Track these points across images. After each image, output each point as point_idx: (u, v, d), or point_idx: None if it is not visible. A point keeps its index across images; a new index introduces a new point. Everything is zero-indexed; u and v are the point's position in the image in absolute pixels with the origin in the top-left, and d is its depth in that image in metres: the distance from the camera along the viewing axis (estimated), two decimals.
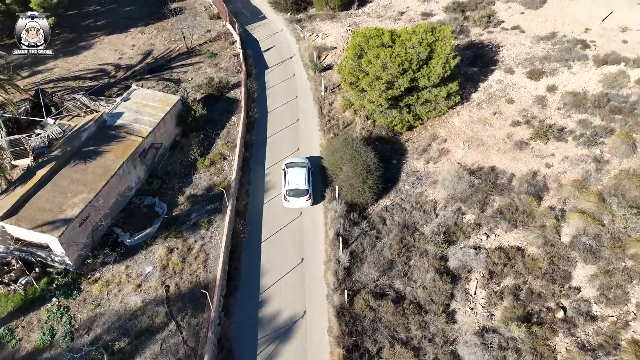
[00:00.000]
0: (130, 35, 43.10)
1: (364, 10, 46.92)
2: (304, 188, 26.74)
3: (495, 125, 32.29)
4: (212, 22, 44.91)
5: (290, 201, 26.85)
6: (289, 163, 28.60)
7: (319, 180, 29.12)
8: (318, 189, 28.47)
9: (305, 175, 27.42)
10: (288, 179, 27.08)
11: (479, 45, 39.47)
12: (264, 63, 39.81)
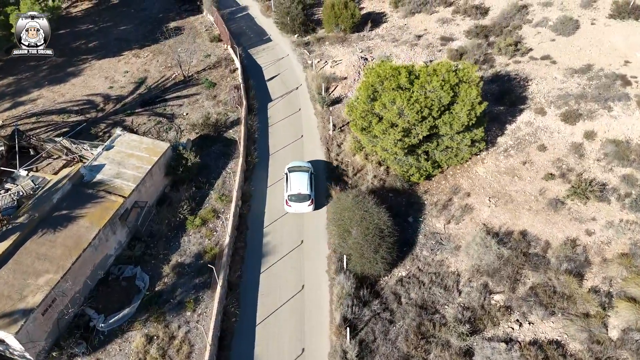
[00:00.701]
0: (123, 60, 39.76)
1: (377, 32, 43.15)
2: (306, 193, 26.50)
3: (526, 177, 28.50)
4: (213, 45, 41.43)
5: (292, 206, 26.62)
6: (292, 167, 28.11)
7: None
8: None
9: (308, 180, 27.12)
10: (290, 184, 26.79)
11: (505, 77, 35.59)
12: (267, 95, 36.27)
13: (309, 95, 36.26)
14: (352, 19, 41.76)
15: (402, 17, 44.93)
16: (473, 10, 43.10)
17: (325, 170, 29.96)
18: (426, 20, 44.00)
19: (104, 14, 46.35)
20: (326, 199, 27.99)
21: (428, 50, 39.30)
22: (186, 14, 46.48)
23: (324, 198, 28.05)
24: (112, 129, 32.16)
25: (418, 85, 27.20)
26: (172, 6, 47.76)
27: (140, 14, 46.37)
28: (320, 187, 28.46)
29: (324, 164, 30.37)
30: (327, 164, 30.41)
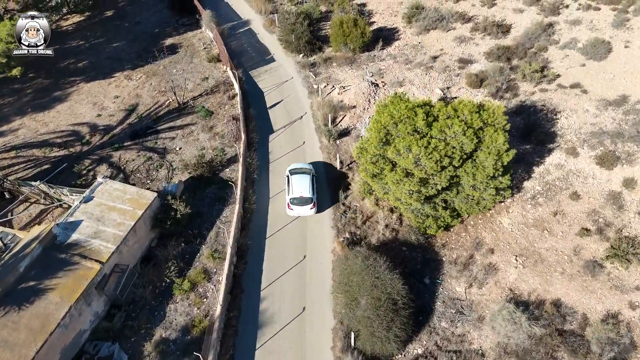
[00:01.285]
0: (114, 82, 36.76)
1: (389, 51, 39.81)
2: (308, 196, 26.14)
3: (557, 232, 25.27)
4: (211, 66, 38.31)
5: (294, 209, 26.27)
6: (293, 169, 27.77)
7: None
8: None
9: (310, 182, 26.76)
10: (292, 187, 26.40)
11: (530, 108, 32.26)
12: (269, 125, 33.17)
13: (314, 126, 33.12)
14: (362, 38, 38.46)
15: (416, 34, 41.55)
16: (494, 29, 39.64)
17: (332, 216, 26.88)
18: (442, 39, 40.61)
19: (96, 29, 43.36)
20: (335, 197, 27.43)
21: (445, 75, 35.97)
22: (184, 29, 43.37)
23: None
24: (97, 167, 29.28)
25: (437, 130, 23.99)
26: (169, 20, 44.67)
27: (134, 29, 43.32)
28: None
29: (329, 207, 27.28)
30: (334, 208, 27.31)
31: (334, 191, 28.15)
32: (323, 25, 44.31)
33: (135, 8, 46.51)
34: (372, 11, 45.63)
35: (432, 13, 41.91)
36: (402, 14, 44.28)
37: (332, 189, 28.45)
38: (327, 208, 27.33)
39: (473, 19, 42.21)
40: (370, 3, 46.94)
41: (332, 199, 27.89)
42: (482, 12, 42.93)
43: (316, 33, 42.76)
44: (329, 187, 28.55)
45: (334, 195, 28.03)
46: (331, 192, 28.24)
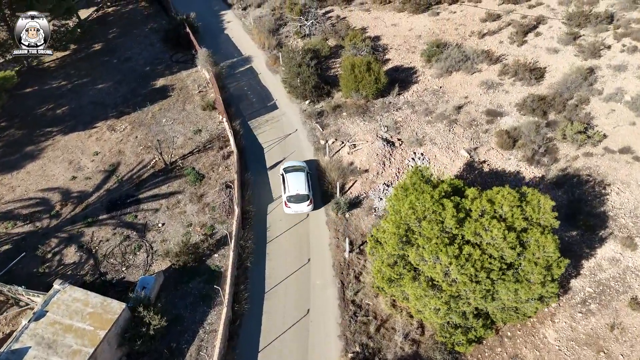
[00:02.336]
0: (95, 134, 32.53)
1: (406, 97, 35.20)
2: (304, 193, 26.57)
3: (617, 355, 20.52)
4: (205, 116, 33.95)
5: (292, 207, 26.54)
6: (287, 167, 28.24)
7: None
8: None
9: (305, 179, 27.16)
10: (288, 185, 26.84)
11: (573, 179, 27.53)
12: (268, 191, 28.75)
13: (321, 193, 28.59)
14: (376, 84, 33.88)
15: (437, 76, 36.90)
16: (525, 73, 34.85)
17: (339, 320, 22.37)
18: (467, 83, 35.91)
19: (82, 66, 39.21)
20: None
21: (471, 131, 31.31)
22: (178, 66, 39.09)
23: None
24: (65, 249, 25.02)
25: (470, 231, 19.38)
26: (163, 55, 40.42)
27: (123, 66, 39.11)
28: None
29: (335, 309, 22.76)
30: (341, 308, 22.80)
31: (343, 286, 23.67)
32: (332, 63, 39.84)
33: (126, 40, 42.35)
34: (386, 46, 41.07)
35: (455, 53, 37.21)
36: (421, 50, 39.68)
37: (339, 280, 23.93)
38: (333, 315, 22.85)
39: (501, 60, 37.47)
40: (385, 37, 42.38)
41: (340, 297, 23.37)
42: (511, 51, 38.19)
43: (324, 73, 38.30)
44: (336, 278, 24.04)
45: (342, 290, 23.53)
46: (340, 287, 23.73)
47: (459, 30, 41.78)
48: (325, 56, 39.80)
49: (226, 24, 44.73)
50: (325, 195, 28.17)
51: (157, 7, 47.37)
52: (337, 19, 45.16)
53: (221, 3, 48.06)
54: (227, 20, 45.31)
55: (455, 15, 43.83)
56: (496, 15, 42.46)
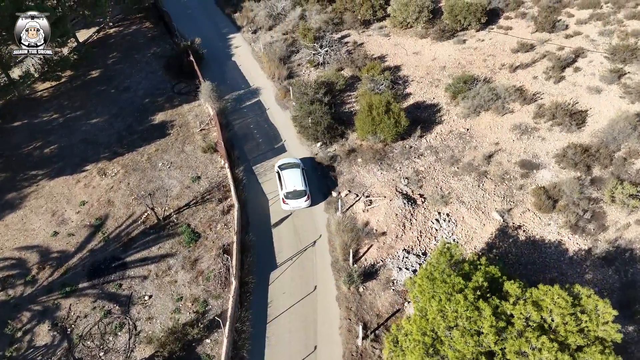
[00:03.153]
0: (84, 180, 29.51)
1: (429, 141, 31.57)
2: (302, 189, 26.81)
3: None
4: (206, 159, 30.71)
5: (290, 203, 26.77)
6: (282, 164, 28.54)
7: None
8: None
9: (301, 175, 27.47)
10: (285, 182, 27.13)
11: (626, 254, 23.66)
12: (271, 255, 25.37)
13: (331, 259, 25.17)
14: (395, 128, 30.31)
15: (463, 116, 33.19)
16: (565, 118, 30.97)
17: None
18: (497, 125, 32.16)
19: (76, 96, 36.30)
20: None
21: (504, 187, 27.59)
22: (179, 98, 35.97)
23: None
24: (38, 326, 21.88)
25: (513, 350, 15.73)
26: (164, 85, 37.35)
27: (121, 97, 36.11)
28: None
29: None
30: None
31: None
32: (347, 97, 36.37)
33: (126, 67, 39.38)
34: (407, 78, 37.47)
35: (484, 91, 33.43)
36: (445, 84, 36.01)
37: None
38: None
39: (536, 99, 33.62)
40: (405, 66, 38.78)
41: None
42: (547, 89, 34.31)
43: (338, 109, 34.88)
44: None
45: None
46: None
47: (488, 62, 37.99)
48: (340, 90, 36.31)
49: (234, 50, 41.53)
50: (336, 269, 24.69)
51: (162, 28, 44.40)
52: (354, 45, 41.69)
53: (230, 25, 44.92)
54: (235, 45, 42.12)
55: (483, 44, 40.05)
56: (529, 45, 38.58)
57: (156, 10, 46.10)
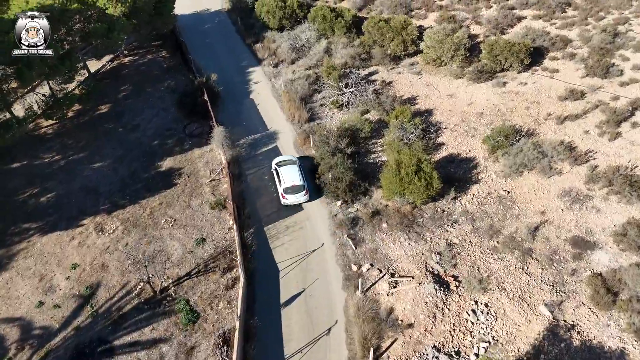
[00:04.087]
0: (79, 237, 26.81)
1: (464, 205, 27.92)
2: (300, 184, 27.86)
3: None
4: (213, 217, 27.70)
5: (289, 198, 27.77)
6: (279, 162, 29.76)
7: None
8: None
9: (298, 171, 28.60)
10: (283, 178, 28.12)
11: None
12: (278, 345, 22.02)
13: (348, 354, 21.65)
14: (427, 191, 26.73)
15: (504, 175, 29.46)
16: (624, 186, 26.93)
17: None
18: (543, 189, 28.32)
19: (82, 134, 33.83)
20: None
21: (553, 272, 23.75)
22: (190, 141, 33.18)
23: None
24: None
25: None
26: (176, 124, 34.63)
27: (129, 137, 33.51)
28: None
29: None
30: None
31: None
32: (373, 145, 33.02)
33: (137, 102, 36.86)
34: (440, 125, 33.94)
35: (528, 148, 29.61)
36: (483, 135, 32.33)
37: None
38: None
39: (588, 159, 29.66)
40: (438, 111, 35.26)
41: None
42: (600, 147, 30.35)
43: (362, 159, 31.59)
44: None
45: None
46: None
47: (531, 110, 34.17)
48: (364, 138, 32.95)
49: (253, 86, 38.65)
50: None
51: (178, 58, 41.86)
52: (382, 84, 38.35)
53: (251, 57, 42.09)
54: (254, 81, 39.23)
55: (526, 88, 36.22)
56: (579, 92, 34.62)
57: (174, 37, 43.67)
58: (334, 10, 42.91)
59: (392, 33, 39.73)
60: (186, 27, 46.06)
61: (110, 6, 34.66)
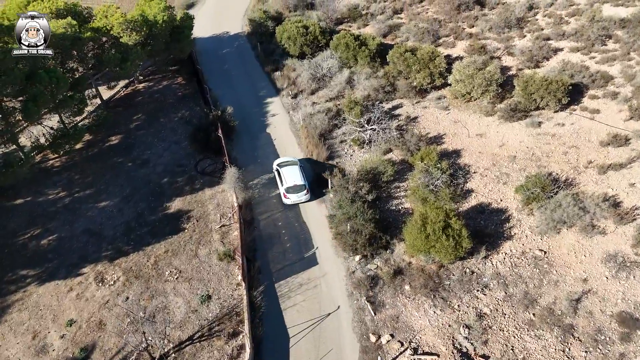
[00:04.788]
0: (77, 288, 25.09)
1: (496, 266, 25.39)
2: (301, 184, 28.77)
3: None
4: (221, 271, 25.70)
5: (290, 197, 28.72)
6: (281, 163, 30.72)
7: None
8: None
9: (299, 171, 29.54)
10: (284, 178, 29.04)
11: None
12: None
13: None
14: (455, 251, 24.28)
15: (539, 232, 26.84)
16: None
17: None
18: (584, 251, 25.59)
19: (89, 169, 32.33)
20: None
21: (598, 356, 20.92)
22: (202, 180, 31.34)
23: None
24: None
25: None
26: (188, 160, 32.91)
27: (138, 173, 31.88)
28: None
29: None
30: None
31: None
32: (395, 189, 30.70)
33: (149, 133, 35.25)
34: (469, 169, 31.46)
35: (568, 203, 26.88)
36: (516, 183, 29.75)
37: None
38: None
39: (635, 217, 26.78)
40: (467, 152, 32.80)
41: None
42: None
43: (384, 204, 29.37)
44: None
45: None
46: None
47: (570, 156, 31.44)
48: (387, 181, 30.68)
49: (270, 118, 36.74)
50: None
51: (194, 86, 40.27)
52: (406, 119, 36.07)
53: (269, 86, 40.25)
54: (272, 113, 37.33)
55: (563, 130, 33.50)
56: (622, 137, 31.76)
57: (191, 62, 42.16)
58: (358, 38, 40.81)
59: (418, 65, 37.45)
60: (204, 51, 44.55)
61: (124, 35, 33.31)
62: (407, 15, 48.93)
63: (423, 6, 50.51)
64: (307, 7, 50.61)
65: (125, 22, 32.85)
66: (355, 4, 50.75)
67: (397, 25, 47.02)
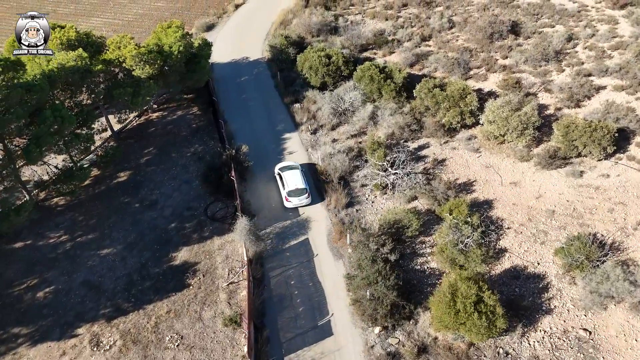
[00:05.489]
0: (70, 352, 23.09)
1: (533, 348, 22.63)
2: (303, 187, 29.55)
3: None
4: (226, 337, 23.42)
5: (292, 201, 29.45)
6: (282, 167, 31.31)
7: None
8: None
9: (301, 175, 30.30)
10: (286, 182, 29.87)
11: None
12: None
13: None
14: (489, 331, 21.50)
15: (583, 307, 23.99)
16: None
17: None
18: (634, 335, 22.54)
19: (94, 209, 30.56)
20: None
21: None
22: (211, 227, 29.25)
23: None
24: None
25: None
26: (198, 202, 30.89)
27: (144, 216, 29.96)
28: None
29: None
30: None
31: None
32: (421, 244, 28.05)
33: (159, 170, 33.36)
34: (502, 223, 28.71)
35: (617, 278, 23.82)
36: (556, 244, 26.84)
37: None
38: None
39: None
40: (499, 203, 30.04)
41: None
42: None
43: (408, 262, 26.81)
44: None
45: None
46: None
47: (616, 214, 28.40)
48: (408, 239, 28.05)
49: (287, 157, 34.45)
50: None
51: (209, 116, 38.35)
52: (433, 162, 33.42)
53: (288, 120, 38.04)
54: (289, 150, 35.07)
55: (608, 183, 30.45)
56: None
57: (207, 91, 40.31)
58: (383, 70, 38.33)
59: (448, 102, 34.82)
60: (222, 79, 42.64)
61: (137, 68, 31.58)
62: (436, 43, 46.30)
63: (453, 33, 47.81)
64: (331, 32, 48.37)
65: (139, 54, 31.11)
66: (381, 29, 48.38)
67: (425, 54, 44.43)
